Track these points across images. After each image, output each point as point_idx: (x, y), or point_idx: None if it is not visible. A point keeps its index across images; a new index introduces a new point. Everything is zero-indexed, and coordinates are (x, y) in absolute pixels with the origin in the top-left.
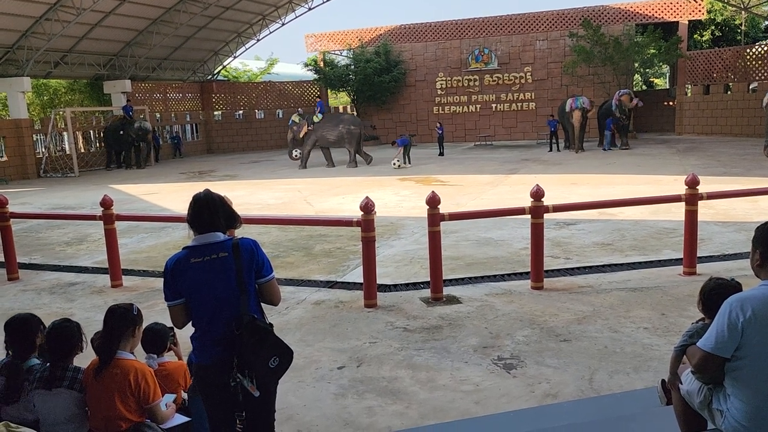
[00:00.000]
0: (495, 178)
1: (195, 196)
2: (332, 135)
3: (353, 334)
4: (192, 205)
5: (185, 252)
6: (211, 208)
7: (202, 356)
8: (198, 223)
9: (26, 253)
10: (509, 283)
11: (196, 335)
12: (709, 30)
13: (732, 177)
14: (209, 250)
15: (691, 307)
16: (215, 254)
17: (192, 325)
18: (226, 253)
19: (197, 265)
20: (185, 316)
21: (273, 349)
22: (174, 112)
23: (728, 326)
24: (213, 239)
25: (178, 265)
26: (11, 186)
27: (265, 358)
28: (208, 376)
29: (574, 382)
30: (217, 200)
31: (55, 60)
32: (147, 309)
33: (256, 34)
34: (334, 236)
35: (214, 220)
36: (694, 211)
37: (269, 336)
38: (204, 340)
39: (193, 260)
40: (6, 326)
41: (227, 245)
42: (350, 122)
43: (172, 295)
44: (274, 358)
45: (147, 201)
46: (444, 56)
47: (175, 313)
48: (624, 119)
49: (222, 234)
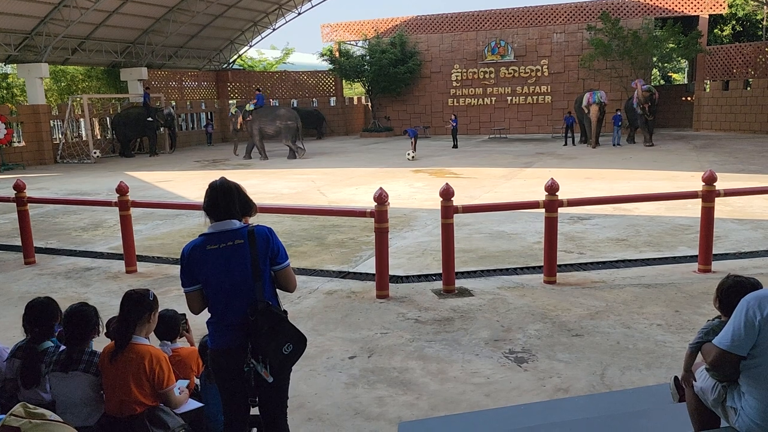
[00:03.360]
0: (509, 171)
1: (211, 184)
2: (271, 129)
3: (365, 325)
4: (208, 193)
5: (202, 239)
6: (227, 195)
7: (217, 341)
8: (214, 210)
9: (43, 237)
10: (522, 277)
11: (212, 320)
12: (730, 25)
13: (750, 174)
14: (225, 237)
15: (705, 305)
16: (231, 241)
17: (208, 311)
18: (241, 240)
19: (213, 252)
20: (201, 303)
21: (287, 336)
22: (189, 100)
23: (745, 324)
24: (229, 226)
25: (194, 251)
26: (28, 171)
27: (278, 344)
28: (223, 360)
29: (586, 377)
30: (233, 188)
31: (73, 47)
32: (161, 295)
33: (273, 23)
34: (347, 227)
35: (230, 207)
36: (711, 207)
37: (283, 322)
38: (220, 325)
39: (209, 247)
40: (27, 309)
41: (243, 232)
42: (287, 117)
43: (189, 282)
44: (288, 344)
45: (162, 188)
46: (460, 48)
47: (191, 299)
48: (647, 115)
49: (238, 221)
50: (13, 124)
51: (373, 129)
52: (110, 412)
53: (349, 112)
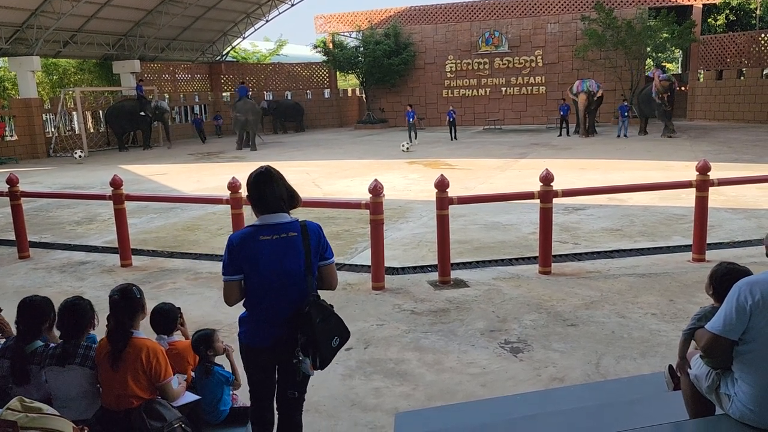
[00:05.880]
0: (504, 162)
1: (256, 175)
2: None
3: (361, 316)
4: (253, 185)
5: (251, 229)
6: (274, 186)
7: (258, 338)
8: (263, 203)
9: (37, 231)
10: (517, 268)
11: (253, 317)
12: (724, 14)
13: (743, 164)
14: (279, 229)
15: (699, 294)
16: (285, 233)
17: (246, 306)
18: (295, 233)
19: (267, 243)
20: (239, 293)
21: (336, 329)
22: (183, 93)
23: (736, 309)
24: (281, 219)
25: (245, 240)
26: (21, 165)
27: (329, 337)
28: (262, 358)
29: (581, 366)
30: (278, 177)
31: (65, 39)
32: (156, 289)
33: (266, 14)
34: (342, 219)
35: (279, 199)
36: (705, 197)
37: (332, 315)
38: (262, 322)
39: (262, 237)
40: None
41: (296, 226)
42: (250, 111)
43: (233, 270)
44: (336, 338)
45: (156, 181)
46: (454, 39)
47: (230, 288)
48: (666, 105)
49: (288, 215)
50: (6, 118)
51: (368, 121)
52: (107, 406)
53: (344, 103)
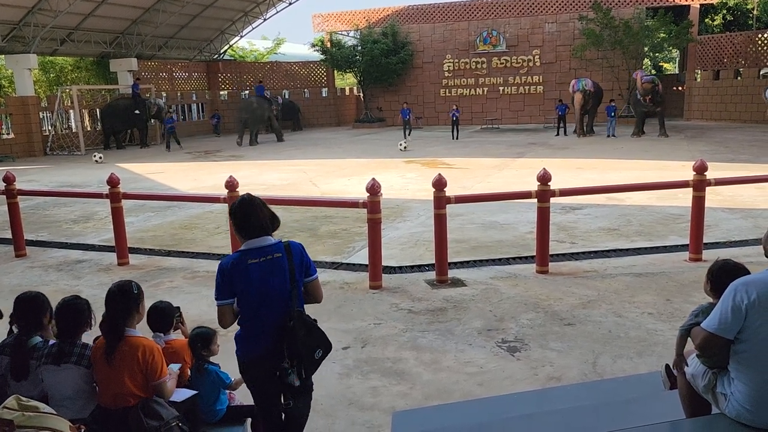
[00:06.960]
0: (501, 161)
1: (239, 203)
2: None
3: (358, 315)
4: (238, 213)
5: (239, 254)
6: (257, 213)
7: (251, 348)
8: (248, 229)
9: (33, 230)
10: (514, 267)
11: (244, 331)
12: (721, 14)
13: (740, 164)
14: (265, 252)
15: (696, 293)
16: (271, 255)
17: (240, 324)
18: (280, 254)
19: (255, 265)
20: (233, 316)
21: (318, 342)
22: (180, 91)
23: (732, 308)
24: (266, 242)
25: (235, 265)
26: (18, 163)
27: (312, 350)
28: (257, 370)
29: (578, 365)
30: (260, 204)
31: (62, 37)
32: (153, 287)
33: (263, 13)
34: (339, 218)
35: (263, 223)
36: (702, 197)
37: (315, 329)
38: (252, 334)
39: (250, 261)
40: (15, 302)
41: (280, 247)
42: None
43: (226, 294)
44: (319, 350)
45: (153, 180)
46: (452, 38)
47: (224, 313)
48: (651, 105)
49: (271, 237)
50: (2, 116)
51: (365, 120)
52: (104, 404)
53: (341, 102)
